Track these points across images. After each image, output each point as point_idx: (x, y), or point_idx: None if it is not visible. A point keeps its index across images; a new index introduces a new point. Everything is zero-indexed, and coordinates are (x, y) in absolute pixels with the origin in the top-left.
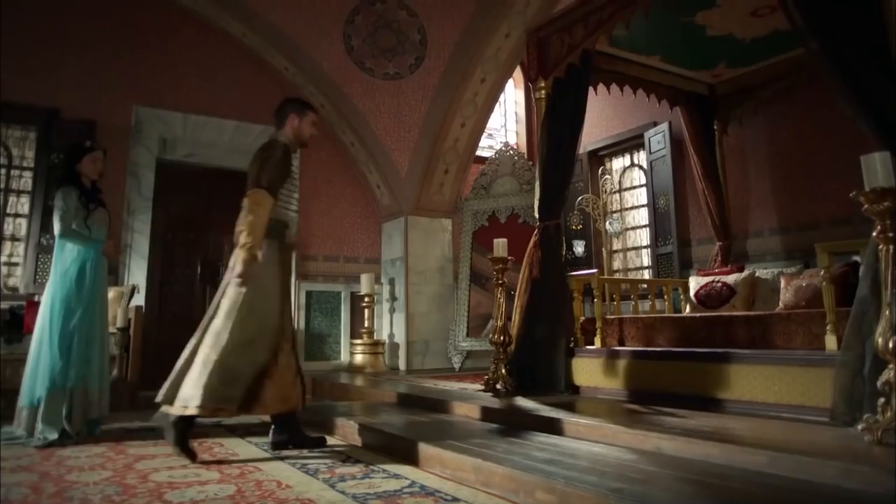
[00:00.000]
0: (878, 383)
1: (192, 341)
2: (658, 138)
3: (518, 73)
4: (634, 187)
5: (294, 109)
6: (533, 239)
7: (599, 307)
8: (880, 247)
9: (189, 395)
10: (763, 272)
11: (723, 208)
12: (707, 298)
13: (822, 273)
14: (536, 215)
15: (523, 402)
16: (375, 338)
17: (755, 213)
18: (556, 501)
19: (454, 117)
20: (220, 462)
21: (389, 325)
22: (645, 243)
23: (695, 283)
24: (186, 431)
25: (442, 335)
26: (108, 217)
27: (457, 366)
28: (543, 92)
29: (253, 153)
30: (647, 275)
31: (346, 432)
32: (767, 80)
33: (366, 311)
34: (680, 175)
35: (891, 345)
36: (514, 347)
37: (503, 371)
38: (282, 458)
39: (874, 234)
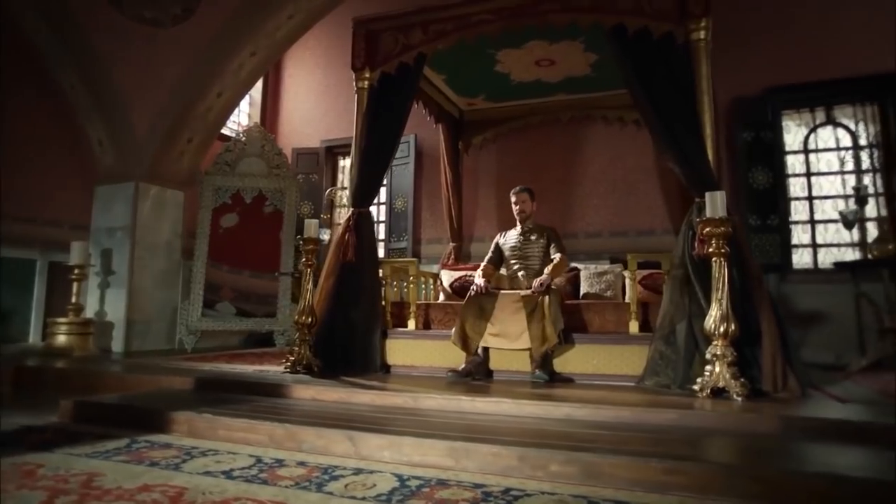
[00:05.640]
0: (707, 355)
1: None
2: (402, 147)
3: None
4: None
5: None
6: (345, 223)
7: (414, 292)
8: (714, 259)
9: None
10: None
11: (460, 215)
12: (461, 289)
13: (627, 274)
14: (350, 201)
15: (359, 381)
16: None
17: (480, 222)
18: (578, 472)
19: (213, 85)
20: (88, 487)
21: (99, 302)
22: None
23: (447, 275)
24: None
25: (165, 314)
26: None
27: (189, 346)
28: (367, 83)
29: None
30: None
31: (198, 426)
32: (507, 117)
33: (74, 284)
34: (419, 182)
35: (721, 329)
36: (318, 329)
37: (308, 352)
38: (174, 468)
39: (710, 249)
